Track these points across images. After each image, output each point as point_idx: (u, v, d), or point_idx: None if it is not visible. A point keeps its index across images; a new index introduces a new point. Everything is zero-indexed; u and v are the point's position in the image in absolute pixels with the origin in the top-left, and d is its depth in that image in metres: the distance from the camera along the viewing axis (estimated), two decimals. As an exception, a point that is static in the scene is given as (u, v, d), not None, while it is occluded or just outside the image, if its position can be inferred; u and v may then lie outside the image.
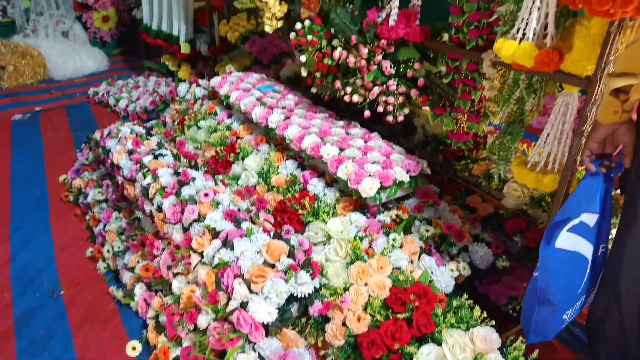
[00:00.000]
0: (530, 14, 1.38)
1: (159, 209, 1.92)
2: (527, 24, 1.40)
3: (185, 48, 3.81)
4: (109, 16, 5.35)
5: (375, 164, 1.92)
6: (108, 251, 2.15)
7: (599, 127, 1.22)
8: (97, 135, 2.66)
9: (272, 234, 1.70)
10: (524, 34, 1.41)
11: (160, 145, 2.37)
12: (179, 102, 3.10)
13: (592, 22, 1.35)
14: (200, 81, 3.14)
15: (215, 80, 2.83)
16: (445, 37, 1.94)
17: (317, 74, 2.31)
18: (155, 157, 2.23)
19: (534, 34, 1.39)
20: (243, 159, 2.19)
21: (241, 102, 2.50)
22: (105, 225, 2.30)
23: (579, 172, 1.76)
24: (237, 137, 2.45)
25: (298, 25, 2.28)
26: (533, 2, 1.37)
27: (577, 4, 1.24)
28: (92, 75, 4.91)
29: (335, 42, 2.17)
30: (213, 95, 2.89)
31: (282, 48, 3.65)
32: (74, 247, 2.34)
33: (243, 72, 2.97)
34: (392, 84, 1.99)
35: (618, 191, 1.87)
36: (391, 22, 1.88)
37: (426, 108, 2.15)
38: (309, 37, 2.25)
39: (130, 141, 2.35)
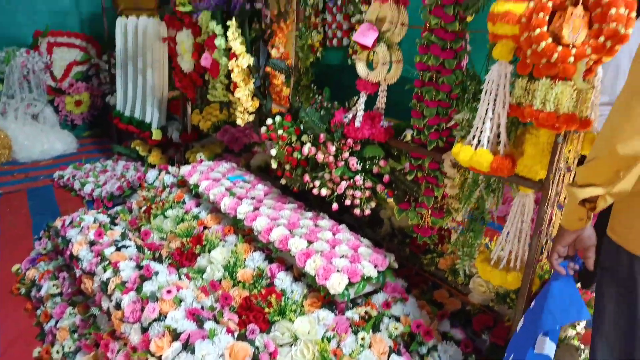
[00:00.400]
0: (484, 123, 1.49)
1: (118, 306, 1.83)
2: (481, 132, 1.50)
3: (156, 135, 3.87)
4: (82, 100, 5.43)
5: (343, 257, 1.93)
6: (58, 352, 2.00)
7: (565, 233, 1.26)
8: (57, 223, 2.58)
9: (236, 334, 1.63)
10: (479, 141, 1.51)
11: (124, 235, 2.31)
12: (147, 189, 3.08)
13: (541, 131, 1.47)
14: (170, 168, 3.16)
15: (185, 169, 2.85)
16: (408, 136, 2.05)
17: (287, 167, 2.38)
18: (118, 249, 2.16)
19: (488, 141, 1.49)
20: (209, 251, 2.15)
21: (210, 191, 2.51)
22: (57, 322, 2.15)
23: (545, 270, 1.81)
24: (205, 227, 2.42)
25: (269, 121, 2.38)
26: (486, 113, 1.49)
27: (526, 118, 1.36)
28: (60, 157, 4.86)
29: (304, 137, 2.26)
30: (182, 183, 2.90)
31: (253, 137, 3.75)
32: (20, 347, 2.16)
33: (214, 161, 3.02)
34: (359, 179, 2.06)
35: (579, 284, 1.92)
36: (357, 123, 1.99)
37: (392, 200, 2.21)
38: (280, 132, 2.34)
39: (93, 231, 2.28)
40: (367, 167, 2.07)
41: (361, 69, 1.96)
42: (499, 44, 1.37)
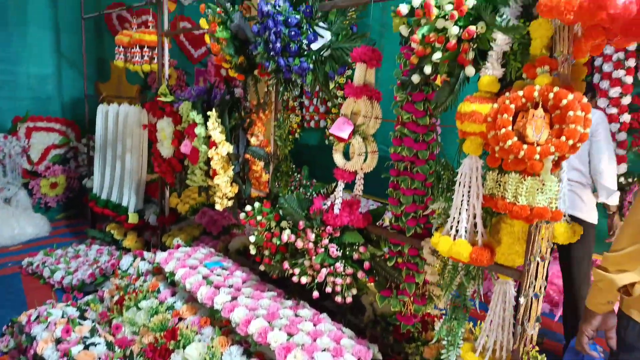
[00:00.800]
0: (460, 214, 1.53)
1: (82, 414, 1.69)
2: (458, 222, 1.53)
3: (133, 218, 3.81)
4: (58, 183, 5.36)
5: (325, 351, 1.85)
6: None
7: (595, 316, 1.32)
8: (22, 318, 2.44)
9: None
10: (457, 231, 1.54)
11: (93, 331, 2.19)
12: (120, 277, 2.97)
13: (515, 221, 1.51)
14: (145, 254, 3.08)
15: (161, 256, 2.78)
16: (387, 220, 2.08)
17: (266, 252, 2.35)
18: (86, 347, 2.04)
19: (466, 232, 1.52)
20: (184, 346, 2.05)
21: (187, 280, 2.44)
22: None
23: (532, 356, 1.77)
24: (180, 319, 2.32)
25: (248, 207, 2.38)
26: (461, 204, 1.52)
27: (500, 210, 1.40)
28: (30, 242, 4.69)
29: (283, 223, 2.26)
30: (157, 270, 2.81)
31: (232, 219, 3.73)
32: None
33: (191, 247, 2.96)
34: (339, 266, 2.04)
35: None
36: (336, 210, 2.01)
37: (374, 285, 2.18)
38: (259, 217, 2.34)
39: (60, 328, 2.16)
40: (347, 253, 2.06)
41: (338, 159, 2.01)
42: (468, 140, 1.44)
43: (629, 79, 2.94)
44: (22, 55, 4.92)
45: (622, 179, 3.10)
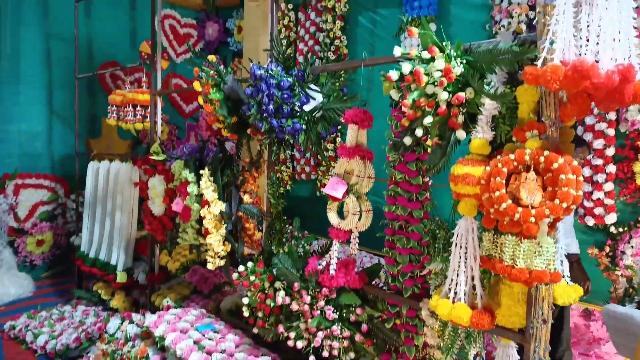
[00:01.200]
0: (458, 275, 1.51)
1: None
2: (457, 284, 1.51)
3: (121, 277, 3.71)
4: (44, 240, 5.25)
5: (323, 422, 1.76)
6: None
7: None
8: (2, 391, 2.30)
9: None
10: (455, 293, 1.51)
11: (77, 405, 2.07)
12: (107, 341, 2.86)
13: (514, 283, 1.49)
14: (133, 316, 2.97)
15: (150, 319, 2.68)
16: (383, 277, 2.04)
17: (260, 314, 2.28)
18: None
19: (464, 294, 1.49)
20: (174, 420, 1.94)
21: (177, 346, 2.34)
22: None
23: None
24: (170, 388, 2.21)
25: (241, 268, 2.34)
26: (459, 266, 1.51)
27: (498, 272, 1.38)
28: (13, 303, 4.53)
29: (278, 284, 2.22)
30: (147, 334, 2.71)
31: (223, 277, 3.65)
32: None
33: (181, 308, 2.87)
34: (336, 328, 1.98)
35: None
36: (331, 271, 1.97)
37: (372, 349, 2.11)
38: (252, 278, 2.29)
39: (42, 402, 2.03)
40: (344, 315, 2.01)
41: (333, 218, 2.00)
42: (463, 201, 1.45)
43: (611, 132, 3.02)
44: (14, 112, 4.95)
45: (612, 229, 3.12)
